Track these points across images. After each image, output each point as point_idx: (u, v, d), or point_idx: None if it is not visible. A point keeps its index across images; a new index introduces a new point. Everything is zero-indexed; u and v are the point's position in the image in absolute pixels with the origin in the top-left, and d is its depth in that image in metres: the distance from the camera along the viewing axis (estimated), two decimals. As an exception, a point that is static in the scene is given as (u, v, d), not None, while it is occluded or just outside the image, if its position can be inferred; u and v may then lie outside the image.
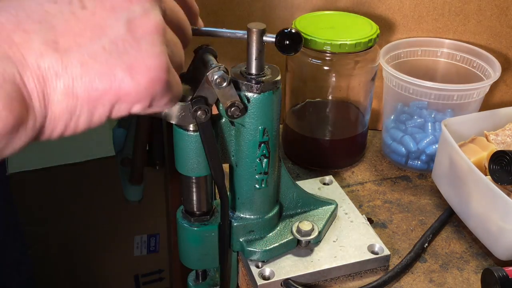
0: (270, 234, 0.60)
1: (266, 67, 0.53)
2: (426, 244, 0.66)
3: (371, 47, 0.73)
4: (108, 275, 1.47)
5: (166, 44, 0.37)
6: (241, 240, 0.59)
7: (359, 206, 0.73)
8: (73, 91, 0.34)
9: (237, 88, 0.52)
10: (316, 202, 0.65)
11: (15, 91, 0.32)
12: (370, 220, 0.69)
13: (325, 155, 0.80)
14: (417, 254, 0.65)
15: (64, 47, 0.34)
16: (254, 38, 0.50)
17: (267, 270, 0.59)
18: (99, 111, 0.36)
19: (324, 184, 0.72)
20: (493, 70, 0.77)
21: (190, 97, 0.49)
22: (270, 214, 0.60)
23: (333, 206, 0.66)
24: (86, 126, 0.36)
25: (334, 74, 0.75)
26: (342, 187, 0.73)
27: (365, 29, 0.73)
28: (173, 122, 0.50)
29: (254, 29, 0.50)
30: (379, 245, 0.62)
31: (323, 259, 0.60)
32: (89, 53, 0.34)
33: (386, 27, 0.84)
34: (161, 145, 1.19)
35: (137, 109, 0.37)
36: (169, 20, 0.40)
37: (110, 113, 0.36)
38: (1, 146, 0.33)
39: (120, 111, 0.37)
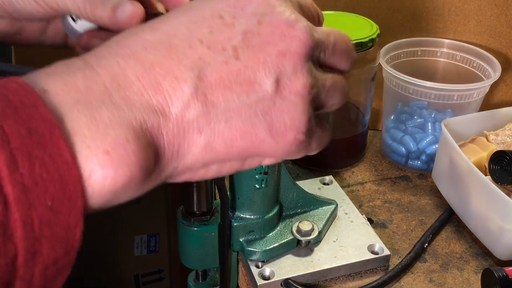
0: (270, 234, 0.60)
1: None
2: (426, 244, 0.66)
3: (371, 47, 0.73)
4: (108, 275, 1.47)
5: (317, 93, 0.36)
6: (241, 240, 0.59)
7: (359, 206, 0.73)
8: (212, 146, 0.33)
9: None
10: (316, 202, 0.65)
11: (150, 144, 0.31)
12: (370, 220, 0.69)
13: (325, 155, 0.80)
14: (417, 254, 0.65)
15: (212, 100, 0.32)
16: None
17: (267, 270, 0.59)
18: (232, 164, 0.35)
19: (324, 184, 0.72)
20: (493, 70, 0.77)
21: None
22: (270, 214, 0.60)
23: (333, 206, 0.66)
24: (214, 176, 0.35)
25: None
26: (342, 187, 0.73)
27: (365, 29, 0.73)
28: None
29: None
30: (379, 245, 0.62)
31: (323, 259, 0.60)
32: (235, 109, 0.33)
33: (386, 27, 0.84)
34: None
35: (268, 162, 0.37)
36: (331, 61, 0.38)
37: (242, 166, 0.36)
38: (120, 197, 0.31)
39: (251, 165, 0.36)
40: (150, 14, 0.52)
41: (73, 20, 0.55)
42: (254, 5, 0.34)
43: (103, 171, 0.29)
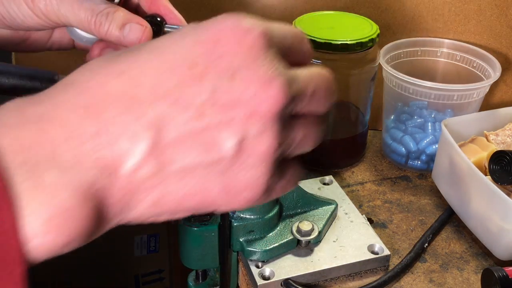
0: (270, 234, 0.60)
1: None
2: (426, 244, 0.66)
3: (371, 47, 0.73)
4: (108, 275, 1.47)
5: (284, 150, 0.34)
6: (241, 240, 0.59)
7: (359, 206, 0.73)
8: (161, 203, 0.32)
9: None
10: (316, 202, 0.65)
11: (96, 205, 0.29)
12: (370, 220, 0.69)
13: (325, 155, 0.80)
14: (417, 254, 0.65)
15: (167, 160, 0.30)
16: None
17: (267, 270, 0.59)
18: (182, 214, 0.33)
19: (324, 184, 0.72)
20: (493, 70, 0.77)
21: None
22: (270, 214, 0.60)
23: (333, 206, 0.66)
24: (163, 222, 0.34)
25: (334, 74, 0.75)
26: (342, 187, 0.73)
27: (365, 29, 0.73)
28: None
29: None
30: (379, 245, 0.62)
31: (323, 259, 0.60)
32: (190, 169, 0.31)
33: (386, 27, 0.84)
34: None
35: (218, 212, 0.35)
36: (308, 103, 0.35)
37: (191, 215, 0.34)
38: (63, 251, 0.30)
39: (200, 212, 0.34)
40: (147, 16, 0.52)
41: None
42: (232, 55, 0.31)
43: (44, 238, 0.28)
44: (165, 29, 0.52)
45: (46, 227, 0.28)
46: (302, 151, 0.36)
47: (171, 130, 0.30)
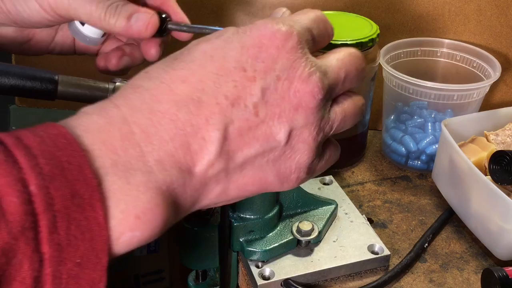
0: (270, 234, 0.60)
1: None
2: (426, 244, 0.66)
3: (371, 47, 0.73)
4: (108, 275, 1.47)
5: (326, 134, 0.39)
6: (241, 240, 0.59)
7: (359, 206, 0.73)
8: (226, 192, 0.36)
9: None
10: (316, 202, 0.65)
11: (174, 202, 0.33)
12: (370, 220, 0.69)
13: (325, 155, 0.80)
14: (417, 254, 0.65)
15: (232, 156, 0.35)
16: None
17: (267, 270, 0.59)
18: (243, 198, 0.38)
19: (324, 184, 0.72)
20: (493, 70, 0.77)
21: None
22: (270, 214, 0.60)
23: (333, 206, 0.66)
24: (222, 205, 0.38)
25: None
26: (342, 187, 0.73)
27: (365, 29, 0.73)
28: None
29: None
30: (379, 245, 0.62)
31: (323, 259, 0.60)
32: (250, 160, 0.36)
33: (386, 27, 0.84)
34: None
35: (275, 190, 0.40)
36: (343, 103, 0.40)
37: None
38: (140, 243, 0.33)
39: (257, 194, 0.39)
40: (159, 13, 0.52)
41: (81, 24, 0.55)
42: (274, 59, 0.36)
43: (132, 234, 0.31)
44: (168, 25, 0.53)
45: (134, 225, 0.31)
46: (344, 128, 0.41)
47: (234, 128, 0.34)
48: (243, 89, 0.35)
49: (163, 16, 0.53)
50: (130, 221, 0.30)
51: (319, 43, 0.39)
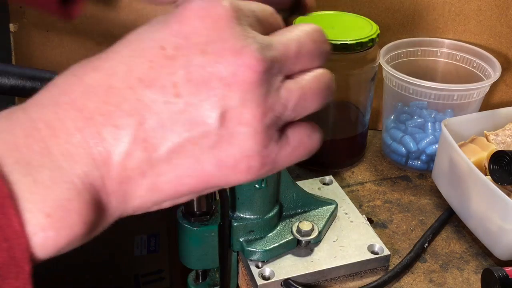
0: (270, 234, 0.60)
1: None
2: (426, 244, 0.66)
3: (371, 47, 0.73)
4: (108, 275, 1.47)
5: (278, 115, 0.33)
6: (241, 240, 0.59)
7: (359, 206, 0.73)
8: (158, 188, 0.32)
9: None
10: (316, 202, 0.65)
11: (93, 198, 0.30)
12: (370, 220, 0.69)
13: (325, 155, 0.80)
14: (417, 254, 0.65)
15: (153, 144, 0.31)
16: None
17: (267, 270, 0.59)
18: (185, 198, 0.34)
19: (324, 184, 0.72)
20: (493, 70, 0.77)
21: None
22: (270, 214, 0.60)
23: (333, 206, 0.66)
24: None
25: (334, 74, 0.75)
26: (342, 187, 0.73)
27: (365, 29, 0.73)
28: None
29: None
30: (379, 245, 0.62)
31: (323, 259, 0.60)
32: (178, 149, 0.31)
33: (386, 27, 0.84)
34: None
35: (225, 186, 0.35)
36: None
37: (194, 197, 0.34)
38: (67, 249, 0.30)
39: (204, 193, 0.35)
40: None
41: None
42: (198, 32, 0.31)
43: (45, 234, 0.28)
44: None
45: (46, 222, 0.28)
46: (307, 111, 0.35)
47: (151, 113, 0.30)
48: (161, 69, 0.31)
49: None
50: (40, 220, 0.28)
51: (266, 29, 0.34)
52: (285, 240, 0.60)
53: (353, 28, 0.74)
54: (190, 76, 0.31)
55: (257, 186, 0.57)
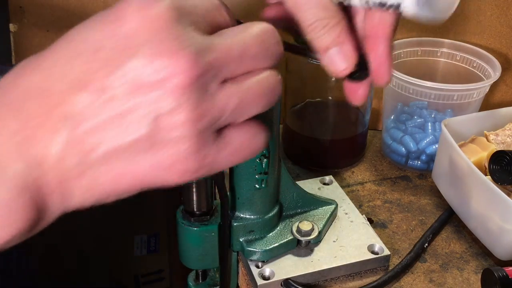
0: (270, 234, 0.60)
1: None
2: (426, 244, 0.66)
3: (371, 47, 0.73)
4: (108, 275, 1.47)
5: (214, 118, 0.33)
6: (241, 240, 0.59)
7: (359, 206, 0.73)
8: (98, 187, 0.32)
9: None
10: (316, 202, 0.65)
11: (34, 197, 0.31)
12: (370, 220, 0.69)
13: (325, 155, 0.80)
14: (417, 254, 0.65)
15: (88, 147, 0.31)
16: None
17: (267, 270, 0.59)
18: (126, 195, 0.34)
19: (324, 184, 0.72)
20: (493, 70, 0.77)
21: None
22: (270, 214, 0.60)
23: (333, 206, 0.66)
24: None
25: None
26: (342, 187, 0.73)
27: (365, 29, 0.73)
28: None
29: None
30: (379, 245, 0.62)
31: (323, 259, 0.60)
32: (114, 151, 0.31)
33: (386, 27, 0.84)
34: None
35: (164, 186, 0.35)
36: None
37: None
38: (9, 245, 0.32)
39: (145, 189, 0.35)
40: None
41: None
42: (135, 33, 0.31)
43: None
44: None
45: None
46: (248, 114, 0.34)
47: (85, 116, 0.31)
48: (95, 73, 0.31)
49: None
50: None
51: (210, 25, 0.33)
52: (285, 240, 0.60)
53: (353, 28, 0.74)
54: (125, 79, 0.31)
55: (257, 186, 0.57)
